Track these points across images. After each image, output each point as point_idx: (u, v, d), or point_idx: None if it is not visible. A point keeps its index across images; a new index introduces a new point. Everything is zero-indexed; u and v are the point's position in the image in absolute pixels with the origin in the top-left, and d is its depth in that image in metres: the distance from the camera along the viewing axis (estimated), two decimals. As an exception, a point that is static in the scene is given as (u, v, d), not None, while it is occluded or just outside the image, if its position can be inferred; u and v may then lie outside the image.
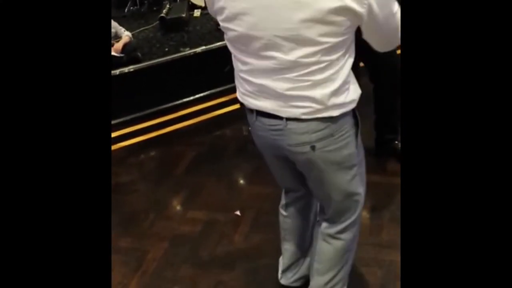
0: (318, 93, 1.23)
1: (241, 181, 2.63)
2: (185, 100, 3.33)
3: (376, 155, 2.55)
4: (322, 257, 1.60)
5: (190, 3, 4.11)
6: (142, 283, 2.01)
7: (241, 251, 2.10)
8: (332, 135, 1.31)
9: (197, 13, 4.07)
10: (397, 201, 2.26)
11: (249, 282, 1.91)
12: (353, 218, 1.54)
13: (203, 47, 3.38)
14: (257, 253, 2.05)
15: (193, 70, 3.34)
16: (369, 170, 2.46)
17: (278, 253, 1.82)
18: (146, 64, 3.31)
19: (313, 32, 1.12)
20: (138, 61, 3.32)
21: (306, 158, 1.34)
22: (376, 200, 2.28)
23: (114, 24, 3.48)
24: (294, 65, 1.18)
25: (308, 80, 1.21)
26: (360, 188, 1.51)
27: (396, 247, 1.99)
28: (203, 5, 4.05)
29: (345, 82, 1.26)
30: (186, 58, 3.37)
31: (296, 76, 1.20)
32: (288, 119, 1.27)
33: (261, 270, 1.96)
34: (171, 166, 2.77)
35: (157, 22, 3.86)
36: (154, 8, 4.22)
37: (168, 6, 3.96)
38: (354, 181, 1.46)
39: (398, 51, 2.42)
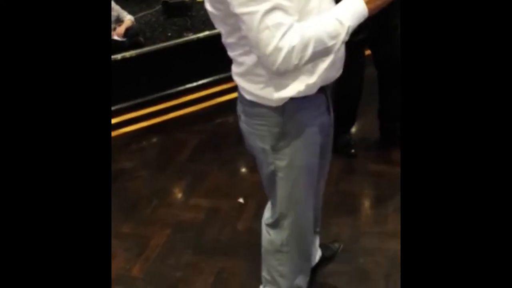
0: (233, 67, 1.24)
1: (244, 169, 2.61)
2: (187, 86, 3.30)
3: (380, 145, 2.54)
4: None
5: (193, -13, 4.05)
6: (145, 269, 2.00)
7: (244, 239, 2.09)
8: (250, 117, 1.25)
9: (200, -3, 4.01)
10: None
11: (252, 269, 1.90)
12: (274, 217, 1.43)
13: (207, 32, 3.33)
14: (260, 241, 2.04)
15: (196, 55, 3.30)
16: (373, 160, 2.48)
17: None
18: (148, 49, 3.28)
19: None
20: (141, 46, 3.29)
21: (240, 124, 1.34)
22: (380, 189, 2.27)
23: (116, 7, 3.44)
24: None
25: (227, 49, 1.23)
26: (283, 204, 1.36)
27: (400, 237, 1.98)
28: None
29: (254, 73, 1.16)
30: (189, 43, 3.34)
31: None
32: None
33: (265, 258, 1.95)
34: (173, 153, 2.75)
35: (160, 6, 3.82)
36: (157, -8, 4.17)
37: (171, -10, 3.91)
38: (271, 182, 1.34)
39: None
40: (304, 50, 1.00)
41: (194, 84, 3.31)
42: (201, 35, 3.35)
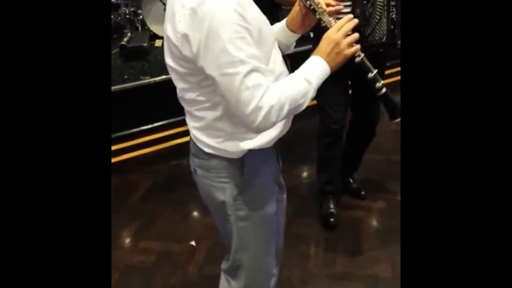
0: (189, 121, 1.27)
1: (197, 212, 2.60)
2: (143, 128, 3.30)
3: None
4: None
5: (152, 33, 4.14)
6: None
7: (195, 283, 2.07)
8: (208, 170, 1.27)
9: (158, 43, 4.09)
10: (350, 233, 2.31)
11: (203, 314, 1.88)
12: (234, 266, 1.41)
13: (163, 76, 3.39)
14: (212, 285, 2.01)
15: (152, 98, 3.33)
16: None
17: (233, 284, 1.80)
18: (104, 91, 3.28)
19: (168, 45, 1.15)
20: (96, 87, 3.29)
21: (194, 178, 1.36)
22: (328, 232, 2.32)
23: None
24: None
25: (184, 104, 1.25)
26: (242, 253, 1.36)
27: (350, 278, 2.03)
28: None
29: (215, 128, 1.20)
30: (145, 86, 3.37)
31: (178, 93, 1.25)
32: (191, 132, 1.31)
33: (215, 302, 1.93)
34: (126, 194, 2.71)
35: (118, 49, 3.85)
36: (115, 36, 4.21)
37: (129, 34, 3.97)
38: (230, 233, 1.33)
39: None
40: (281, 109, 1.09)
41: (150, 126, 3.32)
42: (157, 78, 3.40)
